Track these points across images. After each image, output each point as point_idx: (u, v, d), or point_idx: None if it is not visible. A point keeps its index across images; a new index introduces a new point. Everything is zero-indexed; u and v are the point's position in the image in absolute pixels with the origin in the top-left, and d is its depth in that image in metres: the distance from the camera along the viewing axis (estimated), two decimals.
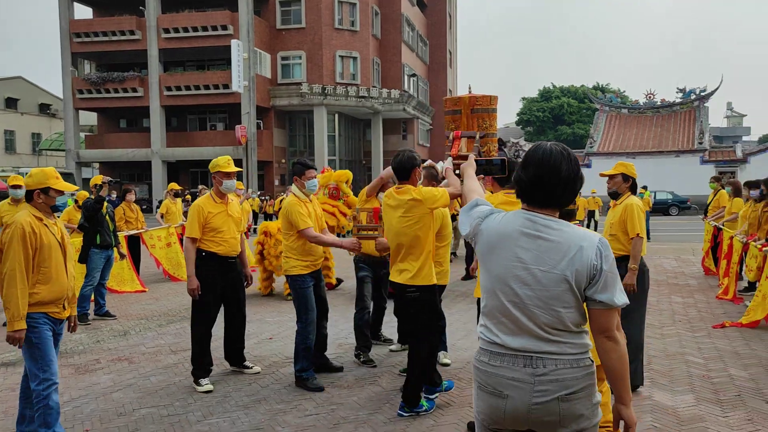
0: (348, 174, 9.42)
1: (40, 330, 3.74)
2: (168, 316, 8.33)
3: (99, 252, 8.03)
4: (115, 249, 8.50)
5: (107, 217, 8.09)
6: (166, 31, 36.26)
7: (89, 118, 44.56)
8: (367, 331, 5.99)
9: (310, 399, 4.94)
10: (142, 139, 38.26)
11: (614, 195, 5.19)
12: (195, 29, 35.95)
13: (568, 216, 3.42)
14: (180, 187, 13.42)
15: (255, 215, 22.45)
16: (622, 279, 4.95)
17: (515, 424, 2.17)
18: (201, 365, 5.26)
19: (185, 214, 10.33)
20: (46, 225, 3.80)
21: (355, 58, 39.71)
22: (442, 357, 5.70)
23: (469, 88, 14.49)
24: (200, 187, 16.38)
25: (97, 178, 8.31)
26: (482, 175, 3.18)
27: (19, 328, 3.65)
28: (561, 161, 2.17)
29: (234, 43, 33.68)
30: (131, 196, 10.87)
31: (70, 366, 6.00)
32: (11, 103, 48.54)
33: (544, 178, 2.16)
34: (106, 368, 5.91)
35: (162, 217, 12.24)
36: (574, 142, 56.03)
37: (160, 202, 16.46)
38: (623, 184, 5.12)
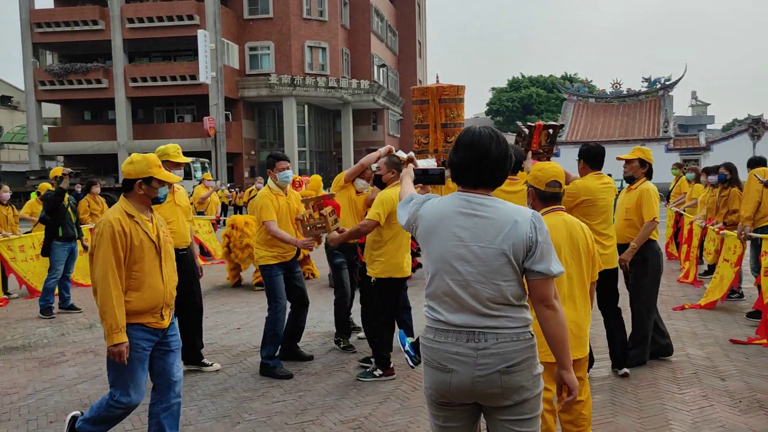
0: (318, 179, 9.50)
1: (134, 345, 3.27)
2: None
3: (62, 245, 7.92)
4: (78, 242, 8.38)
5: (69, 209, 7.97)
6: (131, 21, 35.56)
7: (52, 110, 43.52)
8: (347, 318, 6.05)
9: (278, 386, 4.96)
10: (108, 132, 37.55)
11: (630, 179, 5.25)
12: (160, 19, 35.31)
13: (555, 199, 3.36)
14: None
15: (224, 207, 22.26)
16: (640, 264, 5.05)
17: (461, 397, 2.26)
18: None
19: None
20: (137, 222, 3.33)
21: (324, 49, 39.49)
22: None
23: (437, 78, 14.43)
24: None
25: (57, 170, 8.18)
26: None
27: (119, 341, 3.17)
28: (490, 143, 2.27)
29: (200, 33, 33.19)
30: (96, 189, 10.71)
31: (35, 359, 5.93)
32: None
33: (475, 161, 2.26)
34: (71, 360, 5.85)
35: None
36: None
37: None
38: (640, 169, 5.18)
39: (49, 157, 39.70)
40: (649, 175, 5.22)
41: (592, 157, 4.87)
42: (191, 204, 11.94)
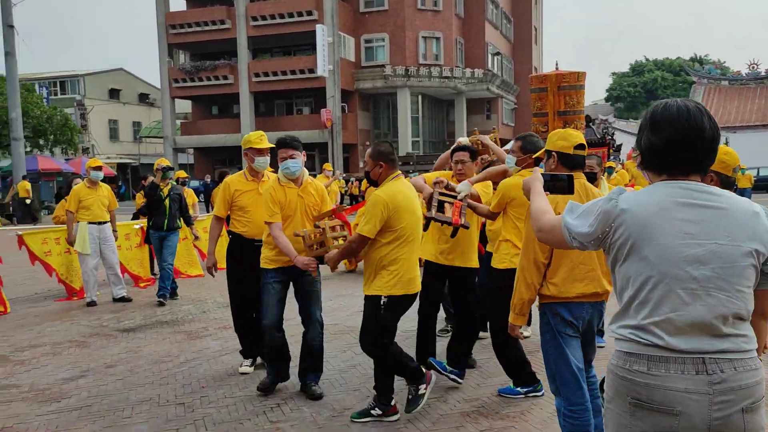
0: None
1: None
2: None
3: (153, 233, 8.27)
4: (189, 230, 8.92)
5: (167, 200, 8.19)
6: (255, 19, 37.39)
7: (184, 106, 46.70)
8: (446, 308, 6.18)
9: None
10: (233, 125, 39.77)
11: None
12: (281, 16, 36.88)
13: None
14: (186, 175, 13.73)
15: (342, 197, 23.07)
16: None
17: None
18: (242, 347, 5.30)
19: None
20: None
21: (438, 39, 39.53)
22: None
23: (556, 65, 14.13)
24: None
25: (164, 161, 8.73)
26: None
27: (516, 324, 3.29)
28: (702, 118, 1.82)
29: (319, 28, 34.32)
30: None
31: (183, 332, 6.56)
32: (114, 94, 51.52)
33: (686, 141, 1.82)
34: (213, 335, 6.42)
35: None
36: None
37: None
38: None
39: (180, 150, 42.68)
40: None
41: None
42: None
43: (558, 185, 2.40)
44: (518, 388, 4.47)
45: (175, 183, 8.59)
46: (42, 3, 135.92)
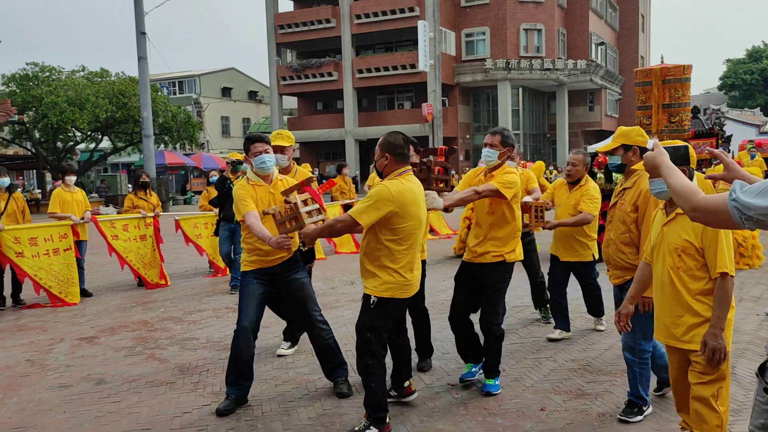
0: (540, 166, 10.34)
1: None
2: None
3: (223, 225, 8.53)
4: None
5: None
6: (358, 17, 38.75)
7: (290, 102, 48.99)
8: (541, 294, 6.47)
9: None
10: (337, 120, 41.42)
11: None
12: (384, 13, 38.01)
13: None
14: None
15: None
16: None
17: None
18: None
19: None
20: None
21: (539, 31, 39.31)
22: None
23: (662, 58, 14.38)
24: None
25: (234, 154, 9.09)
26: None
27: None
28: None
29: (420, 23, 35.14)
30: (346, 170, 12.62)
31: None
32: (226, 92, 54.79)
33: None
34: (344, 306, 7.39)
35: None
36: None
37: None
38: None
39: None
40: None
41: None
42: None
43: (680, 156, 2.62)
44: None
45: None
46: (165, 10, 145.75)
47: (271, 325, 6.15)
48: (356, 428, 3.75)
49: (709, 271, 2.98)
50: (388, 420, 3.78)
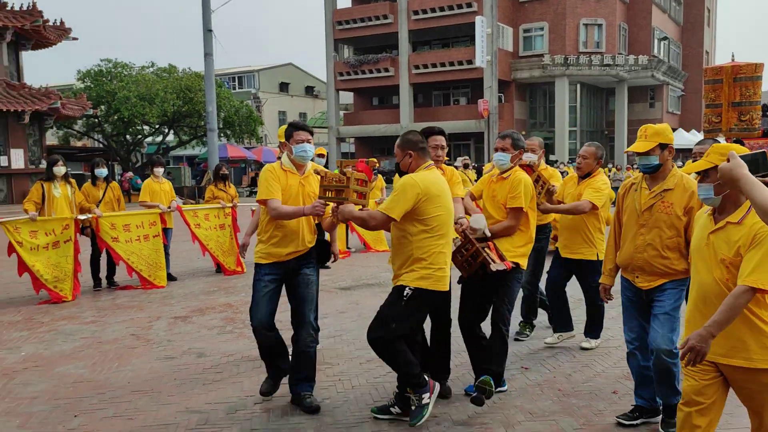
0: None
1: None
2: None
3: None
4: None
5: None
6: (416, 13, 38.97)
7: (346, 98, 49.66)
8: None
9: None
10: (392, 115, 41.78)
11: None
12: (441, 9, 38.12)
13: None
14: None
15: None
16: None
17: None
18: None
19: None
20: None
21: (600, 25, 38.73)
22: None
23: (732, 56, 14.31)
24: (461, 158, 17.50)
25: (320, 149, 9.38)
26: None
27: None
28: None
29: (478, 19, 35.10)
30: None
31: (384, 293, 7.94)
32: (284, 87, 55.96)
33: None
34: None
35: None
36: None
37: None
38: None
39: (342, 139, 45.57)
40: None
41: None
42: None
43: (760, 166, 2.29)
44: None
45: None
46: (230, 8, 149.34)
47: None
48: (413, 407, 3.75)
49: (738, 277, 2.60)
50: (427, 378, 3.78)
